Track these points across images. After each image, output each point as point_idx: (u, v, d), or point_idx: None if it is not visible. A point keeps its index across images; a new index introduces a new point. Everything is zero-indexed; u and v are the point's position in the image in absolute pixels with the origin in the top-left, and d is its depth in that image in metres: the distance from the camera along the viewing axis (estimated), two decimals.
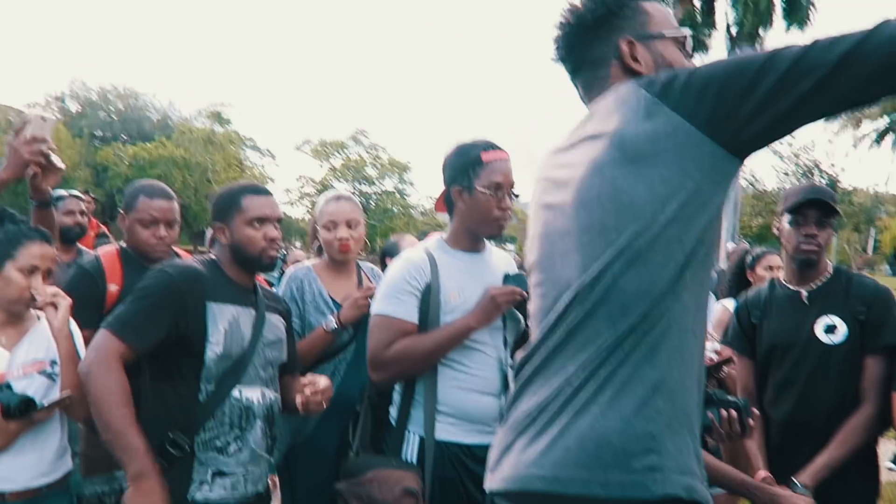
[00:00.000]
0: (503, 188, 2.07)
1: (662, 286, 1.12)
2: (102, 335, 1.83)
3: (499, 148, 2.12)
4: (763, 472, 2.20)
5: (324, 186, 48.70)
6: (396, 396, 2.19)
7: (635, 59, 1.28)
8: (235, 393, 1.96)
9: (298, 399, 1.97)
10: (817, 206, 2.29)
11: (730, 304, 3.49)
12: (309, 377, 2.03)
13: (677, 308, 1.13)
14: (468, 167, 2.06)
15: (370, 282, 2.64)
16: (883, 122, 35.69)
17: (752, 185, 39.11)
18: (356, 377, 2.42)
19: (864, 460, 2.24)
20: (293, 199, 49.39)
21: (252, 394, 2.00)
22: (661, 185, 1.12)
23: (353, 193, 48.75)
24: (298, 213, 50.69)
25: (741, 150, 1.15)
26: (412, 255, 2.16)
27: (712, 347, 2.98)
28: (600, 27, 1.30)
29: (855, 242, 49.05)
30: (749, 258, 3.73)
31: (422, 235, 3.63)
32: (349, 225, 2.56)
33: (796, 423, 2.28)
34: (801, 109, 1.08)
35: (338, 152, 49.29)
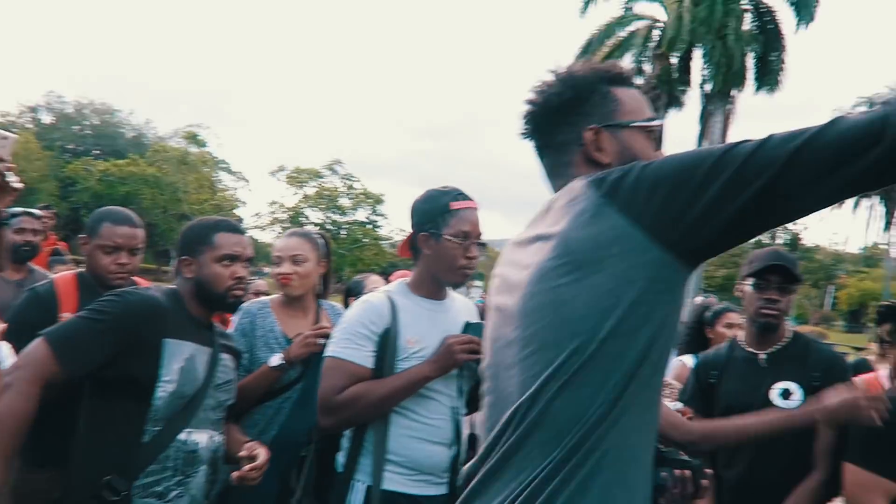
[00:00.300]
0: (470, 237, 2.06)
1: (597, 412, 1.03)
2: (39, 347, 1.73)
3: (468, 197, 2.12)
4: None
5: (295, 213, 48.60)
6: (345, 443, 2.12)
7: (599, 149, 1.22)
8: (183, 436, 1.87)
9: (234, 474, 1.89)
10: (780, 272, 2.32)
11: (688, 360, 3.50)
12: (248, 447, 1.95)
13: (614, 436, 1.05)
14: (437, 214, 2.05)
15: (329, 320, 2.58)
16: None
17: None
18: (302, 418, 2.34)
19: None
20: (263, 224, 49.16)
21: (200, 437, 1.91)
22: (603, 296, 1.04)
23: (325, 222, 48.61)
24: (268, 238, 50.31)
25: (690, 258, 1.08)
26: (372, 298, 2.12)
27: (674, 407, 2.98)
28: (567, 112, 1.25)
29: (814, 298, 50.22)
30: (708, 314, 3.74)
31: (390, 268, 3.60)
32: (294, 261, 2.53)
33: (748, 486, 2.27)
34: (753, 213, 1.01)
35: (312, 180, 49.24)
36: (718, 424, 2.07)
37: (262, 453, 1.94)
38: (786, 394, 2.26)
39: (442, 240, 2.04)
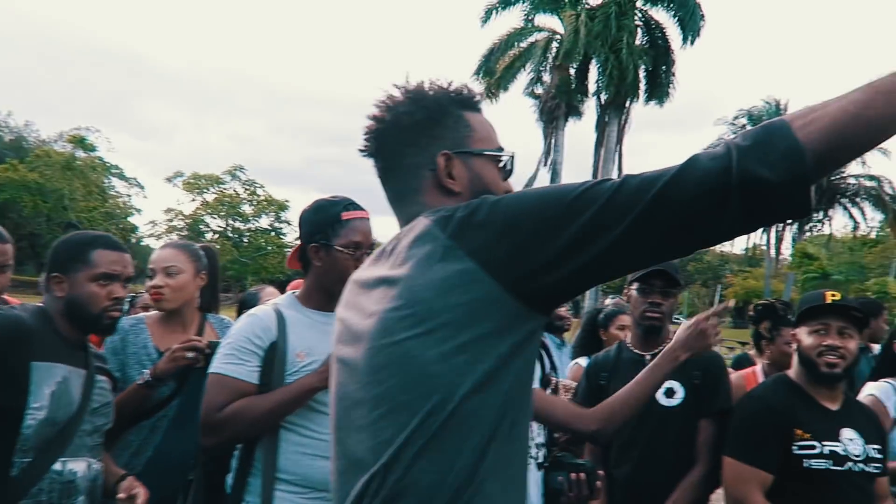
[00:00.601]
0: (362, 247, 2.02)
1: (460, 476, 0.96)
2: None
3: (359, 207, 2.07)
4: None
5: (194, 221, 46.78)
6: (234, 463, 2.03)
7: (451, 176, 1.15)
8: (58, 466, 1.73)
9: None
10: (663, 276, 2.43)
11: (583, 361, 3.61)
12: (126, 487, 1.84)
13: (480, 500, 0.98)
14: (327, 225, 2.00)
15: (215, 334, 2.47)
16: None
17: None
18: (180, 438, 2.22)
19: None
20: (158, 233, 47.02)
21: (77, 466, 1.78)
22: (454, 350, 0.96)
23: (226, 229, 47.04)
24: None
25: (543, 305, 1.02)
26: (258, 311, 2.04)
27: None
28: (418, 133, 1.16)
29: (703, 296, 53.33)
30: (601, 317, 3.88)
31: (296, 275, 3.46)
32: (166, 273, 2.40)
33: (637, 483, 2.36)
34: (608, 259, 0.95)
35: (212, 187, 47.56)
36: (610, 402, 2.11)
37: (140, 492, 1.84)
38: (669, 392, 2.37)
39: (333, 251, 1.99)
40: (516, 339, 1.00)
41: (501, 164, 1.21)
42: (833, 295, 2.20)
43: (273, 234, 49.54)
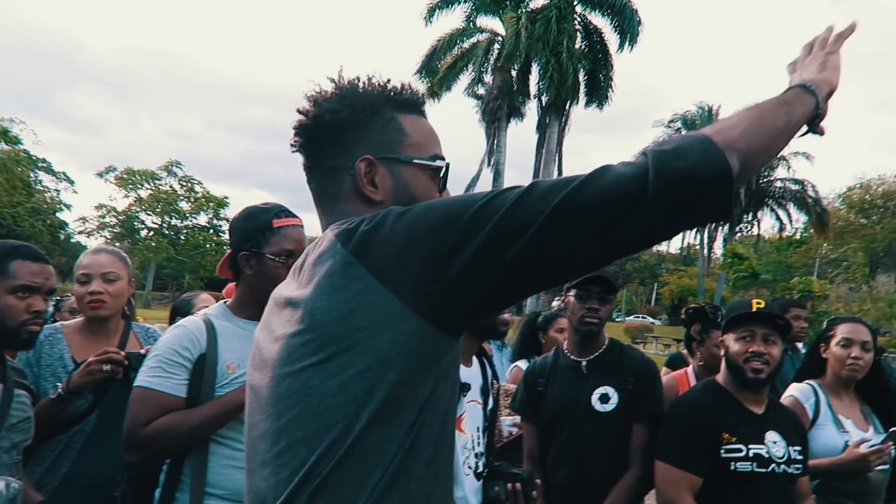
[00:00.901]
0: (295, 255, 1.97)
1: None
2: None
3: (291, 214, 2.03)
4: None
5: (128, 218, 45.21)
6: (162, 477, 1.96)
7: (373, 184, 1.06)
8: None
9: None
10: (600, 282, 2.46)
11: (523, 365, 3.64)
12: None
13: None
14: (258, 232, 1.95)
15: (139, 344, 2.38)
16: None
17: None
18: (97, 453, 2.13)
19: None
20: (90, 230, 45.23)
21: None
22: (354, 379, 0.89)
23: (162, 226, 45.62)
24: (95, 243, 46.26)
25: (453, 326, 0.94)
26: (187, 322, 1.97)
27: (512, 421, 3.08)
28: (341, 133, 1.07)
29: (641, 295, 54.84)
30: (540, 320, 3.92)
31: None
32: (105, 279, 2.30)
33: (574, 487, 2.39)
34: (517, 275, 0.88)
35: (147, 182, 46.03)
36: None
37: None
38: (604, 398, 2.40)
39: (264, 259, 1.94)
40: (424, 363, 0.91)
41: (436, 174, 1.11)
42: (758, 303, 2.28)
43: (212, 231, 48.35)
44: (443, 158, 1.12)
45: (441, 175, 1.12)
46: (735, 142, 0.90)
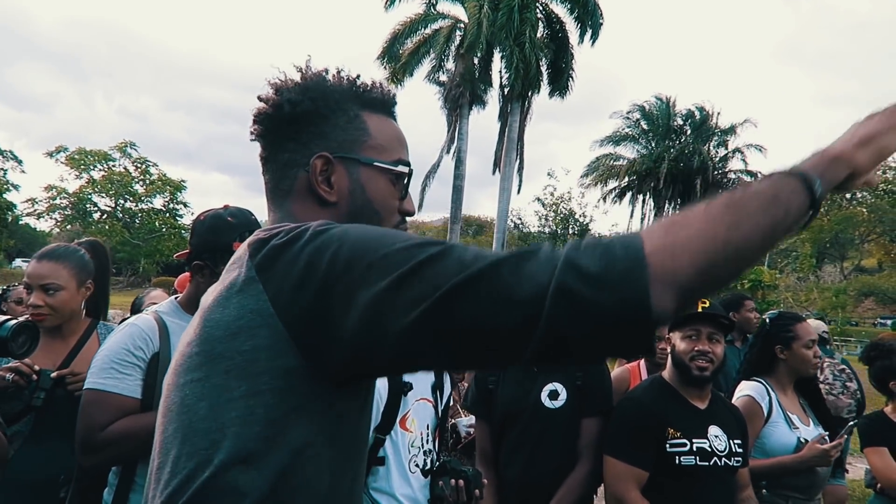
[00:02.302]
0: None
1: None
2: None
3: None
4: None
5: (79, 200, 43.86)
6: (112, 478, 1.93)
7: (328, 183, 0.99)
8: None
9: None
10: None
11: None
12: None
13: None
14: (216, 250, 1.92)
15: (99, 344, 2.29)
16: (624, 181, 41.26)
17: (517, 227, 42.72)
18: (35, 454, 2.08)
19: None
20: (39, 211, 43.72)
21: None
22: (226, 405, 0.81)
23: (115, 209, 44.23)
24: (45, 226, 44.79)
25: (340, 377, 0.83)
26: (138, 320, 1.94)
27: (468, 422, 3.11)
28: (300, 126, 1.00)
29: None
30: None
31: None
32: (45, 290, 2.19)
33: (525, 484, 2.43)
34: (401, 347, 0.75)
35: (99, 164, 44.68)
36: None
37: None
38: (553, 394, 2.46)
39: (216, 277, 1.92)
40: (298, 407, 0.81)
41: (398, 179, 1.04)
42: (703, 302, 2.36)
43: (168, 215, 47.25)
44: (407, 164, 1.06)
45: (404, 182, 1.06)
46: (676, 269, 0.69)
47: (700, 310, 2.33)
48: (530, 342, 0.70)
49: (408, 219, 1.09)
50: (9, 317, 1.59)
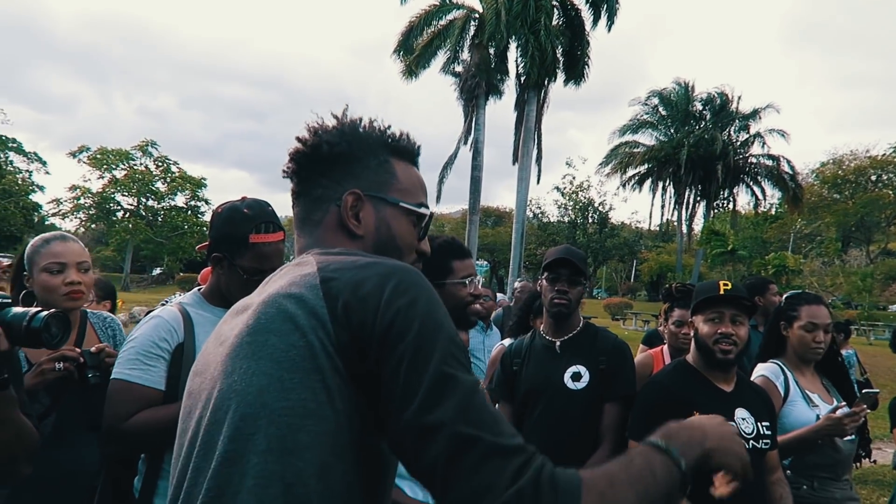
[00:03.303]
0: (266, 273, 1.97)
1: None
2: None
3: (273, 225, 1.99)
4: None
5: (102, 198, 44.45)
6: (142, 465, 1.97)
7: (356, 217, 1.11)
8: None
9: None
10: (568, 265, 2.50)
11: (508, 342, 3.68)
12: None
13: None
14: (233, 242, 1.94)
15: (97, 337, 2.30)
16: (643, 168, 40.90)
17: (537, 217, 42.62)
18: (59, 456, 2.06)
19: None
20: (64, 211, 44.39)
21: None
22: (276, 394, 0.92)
23: (138, 207, 44.68)
24: (70, 225, 45.52)
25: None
26: (163, 312, 1.97)
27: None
28: (335, 166, 1.12)
29: (620, 271, 55.35)
30: (536, 304, 3.94)
31: None
32: (82, 269, 2.17)
33: None
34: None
35: (121, 163, 45.23)
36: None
37: None
38: (576, 376, 2.46)
39: (235, 269, 1.94)
40: (358, 415, 0.93)
41: (418, 221, 1.17)
42: (725, 285, 2.33)
43: (189, 212, 47.76)
44: (427, 207, 1.17)
45: (423, 224, 1.17)
46: None
47: (722, 292, 2.31)
48: None
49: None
50: (39, 308, 1.60)
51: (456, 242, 2.16)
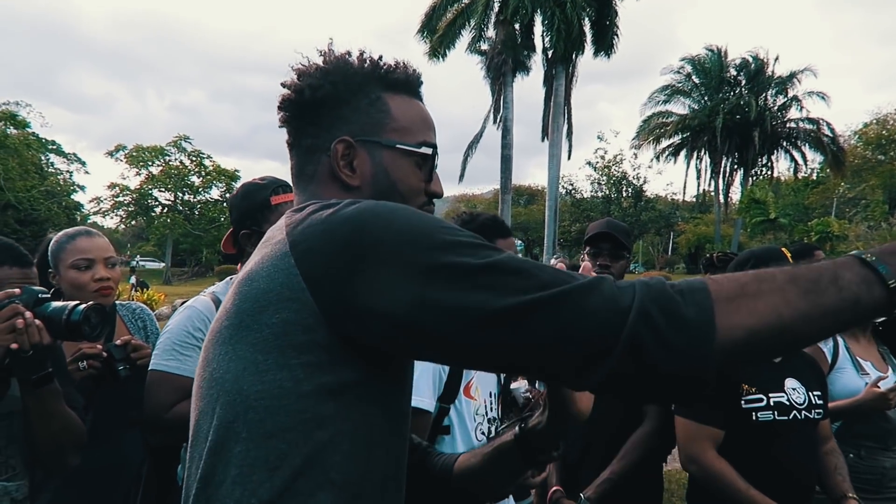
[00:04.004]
0: None
1: None
2: None
3: (289, 189, 1.97)
4: (555, 487, 2.35)
5: (140, 195, 45.42)
6: (184, 454, 1.98)
7: (350, 167, 1.00)
8: None
9: None
10: (610, 239, 2.43)
11: None
12: None
13: None
14: (256, 210, 1.94)
15: (126, 329, 2.27)
16: (677, 138, 40.07)
17: (570, 193, 42.17)
18: (97, 453, 1.98)
19: (648, 471, 2.42)
20: (104, 209, 45.52)
21: None
22: (251, 378, 0.87)
23: (175, 202, 45.65)
24: (111, 223, 46.66)
25: (371, 356, 0.87)
26: (196, 302, 1.96)
27: (526, 388, 3.08)
28: (320, 111, 1.00)
29: (657, 245, 54.56)
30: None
31: None
32: (110, 264, 2.14)
33: (588, 440, 2.40)
34: (475, 339, 0.77)
35: (157, 159, 46.10)
36: None
37: None
38: None
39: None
40: (340, 389, 0.85)
41: (422, 162, 1.04)
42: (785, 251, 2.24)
43: (225, 205, 48.43)
44: (432, 146, 1.05)
45: (430, 164, 1.05)
46: (740, 349, 0.73)
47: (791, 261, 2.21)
48: (588, 377, 0.75)
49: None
50: (77, 301, 1.61)
51: (499, 220, 2.11)
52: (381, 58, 1.04)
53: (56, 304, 1.59)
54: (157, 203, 47.09)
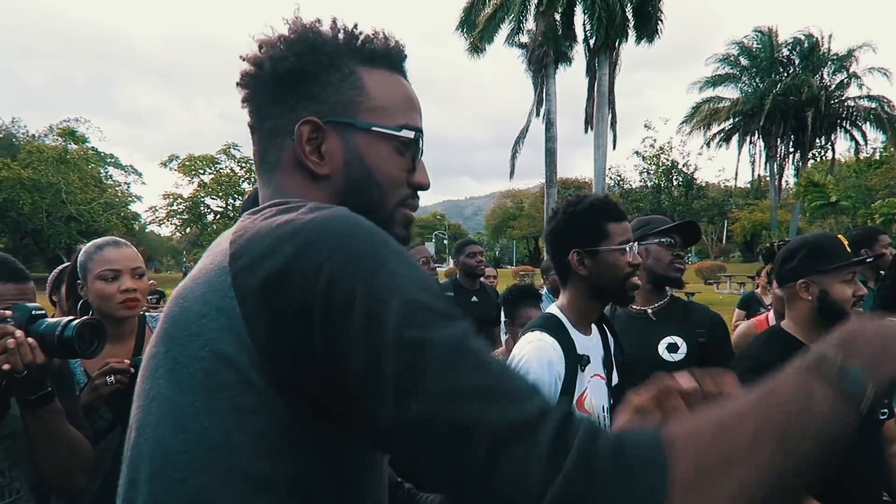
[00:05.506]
0: None
1: None
2: None
3: None
4: None
5: (194, 203, 46.76)
6: None
7: (319, 153, 0.85)
8: None
9: None
10: (690, 230, 2.48)
11: None
12: None
13: None
14: None
15: None
16: (728, 123, 38.95)
17: (618, 184, 41.46)
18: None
19: None
20: (160, 218, 47.06)
21: None
22: (174, 424, 0.72)
23: (227, 209, 46.82)
24: (167, 231, 48.14)
25: (314, 406, 0.71)
26: None
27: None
28: (284, 87, 0.85)
29: (711, 233, 53.20)
30: None
31: None
32: (137, 275, 2.06)
33: None
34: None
35: (208, 167, 47.38)
36: None
37: None
38: (672, 347, 2.31)
39: None
40: (281, 440, 0.69)
41: (404, 147, 0.88)
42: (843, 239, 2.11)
43: None
44: (415, 129, 0.89)
45: (413, 149, 0.89)
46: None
47: (850, 251, 2.07)
48: None
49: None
50: (71, 317, 1.56)
51: (610, 202, 1.90)
52: (356, 26, 0.89)
53: (50, 320, 1.53)
54: (209, 210, 48.36)
